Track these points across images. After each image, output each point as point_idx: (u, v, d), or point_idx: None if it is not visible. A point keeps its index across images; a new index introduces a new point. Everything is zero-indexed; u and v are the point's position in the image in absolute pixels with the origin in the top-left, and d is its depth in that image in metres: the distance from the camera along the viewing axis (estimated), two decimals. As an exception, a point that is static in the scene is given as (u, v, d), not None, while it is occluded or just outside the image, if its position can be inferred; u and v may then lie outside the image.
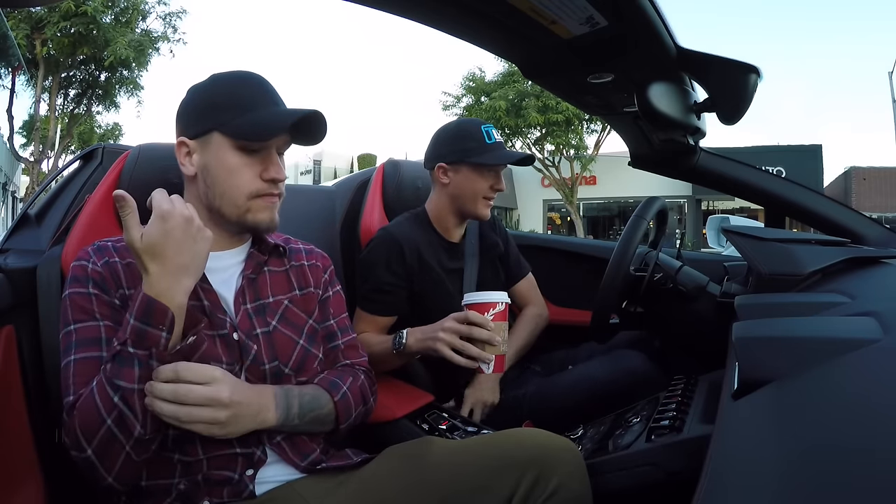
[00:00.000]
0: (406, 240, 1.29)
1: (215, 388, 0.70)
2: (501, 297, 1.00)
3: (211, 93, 0.84)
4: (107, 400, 0.69)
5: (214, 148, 0.82)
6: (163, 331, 0.70)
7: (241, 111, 0.81)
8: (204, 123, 0.82)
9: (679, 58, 0.87)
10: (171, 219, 0.71)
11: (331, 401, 0.86)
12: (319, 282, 0.96)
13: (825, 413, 0.43)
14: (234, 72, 0.86)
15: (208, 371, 0.71)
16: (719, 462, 0.44)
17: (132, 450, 0.70)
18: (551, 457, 0.75)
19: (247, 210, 0.83)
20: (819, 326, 0.60)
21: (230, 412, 0.71)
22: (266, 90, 0.84)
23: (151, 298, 0.70)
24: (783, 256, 0.94)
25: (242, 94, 0.82)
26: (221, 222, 0.85)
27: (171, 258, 0.71)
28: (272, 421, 0.78)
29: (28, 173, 13.60)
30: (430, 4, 0.74)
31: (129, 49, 11.70)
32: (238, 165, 0.82)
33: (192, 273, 0.73)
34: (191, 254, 0.72)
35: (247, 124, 0.80)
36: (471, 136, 1.29)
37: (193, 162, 0.84)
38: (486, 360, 0.98)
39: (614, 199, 18.59)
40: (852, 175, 17.31)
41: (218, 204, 0.83)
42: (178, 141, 0.84)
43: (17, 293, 0.92)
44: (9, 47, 10.77)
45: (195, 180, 0.85)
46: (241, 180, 0.82)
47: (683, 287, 1.15)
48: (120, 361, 0.69)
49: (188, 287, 0.72)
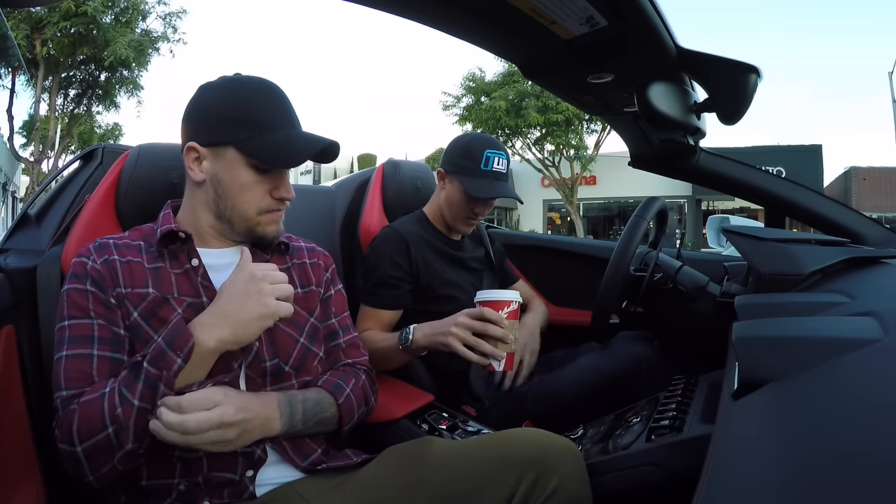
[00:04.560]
0: (410, 235, 1.31)
1: (220, 410, 0.71)
2: (515, 295, 1.00)
3: (228, 103, 0.82)
4: (112, 409, 0.69)
5: (229, 162, 0.82)
6: (179, 357, 0.71)
7: (261, 130, 0.81)
8: (220, 135, 0.82)
9: (679, 58, 0.87)
10: (242, 270, 0.78)
11: (334, 403, 0.86)
12: (321, 280, 0.96)
13: (825, 413, 0.43)
14: (252, 81, 0.85)
15: (210, 396, 0.71)
16: (719, 462, 0.44)
17: (119, 461, 0.70)
18: (551, 457, 0.75)
19: (256, 224, 0.86)
20: (819, 326, 0.60)
21: (238, 429, 0.72)
22: (284, 106, 0.85)
23: (184, 325, 0.72)
24: (783, 256, 0.94)
25: (262, 111, 0.82)
26: (227, 230, 0.86)
27: (221, 301, 0.76)
28: (277, 430, 0.78)
29: (28, 173, 13.61)
30: (429, 4, 0.74)
31: (129, 49, 11.71)
32: (251, 183, 0.83)
33: (230, 326, 0.74)
34: (237, 306, 0.74)
35: (268, 148, 0.81)
36: (470, 156, 1.30)
37: (203, 169, 0.84)
38: (498, 358, 0.98)
39: (614, 199, 18.58)
40: (852, 175, 17.31)
41: (228, 215, 0.85)
42: (189, 146, 0.83)
43: (17, 293, 0.92)
44: (9, 47, 10.77)
45: (202, 186, 0.85)
46: (252, 197, 0.84)
47: (683, 287, 1.15)
48: (133, 373, 0.71)
49: (220, 338, 0.74)
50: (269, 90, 0.85)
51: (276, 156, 0.81)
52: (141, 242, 0.85)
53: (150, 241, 0.85)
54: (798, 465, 0.37)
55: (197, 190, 0.86)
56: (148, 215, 0.94)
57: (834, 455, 0.36)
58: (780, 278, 0.91)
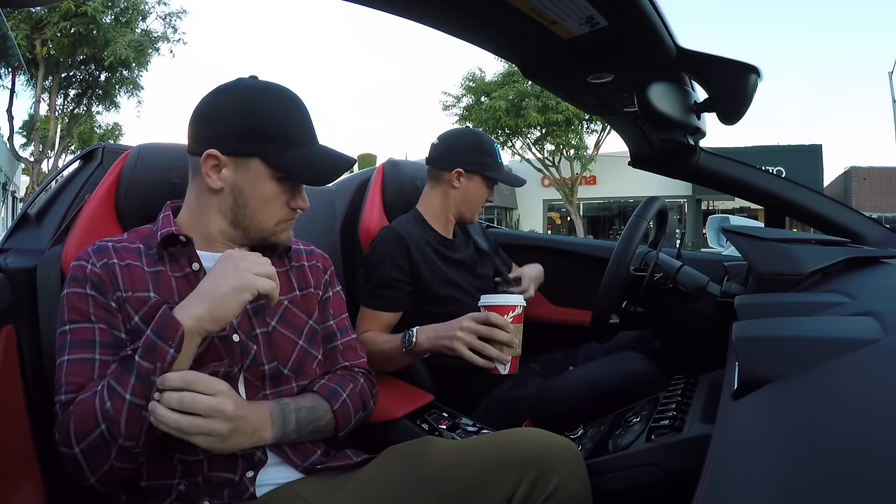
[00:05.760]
0: (410, 236, 1.31)
1: (221, 399, 0.70)
2: (519, 300, 1.01)
3: (252, 112, 0.81)
4: (102, 404, 0.69)
5: (253, 173, 0.82)
6: (171, 347, 0.70)
7: (288, 144, 0.83)
8: (246, 146, 0.82)
9: (679, 58, 0.87)
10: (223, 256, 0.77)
11: (329, 410, 0.86)
12: (320, 282, 0.96)
13: (825, 413, 0.43)
14: (274, 90, 0.85)
15: (215, 383, 0.71)
16: (719, 462, 0.44)
17: (116, 458, 0.70)
18: (551, 457, 0.75)
19: (272, 234, 0.87)
20: (819, 326, 0.60)
21: (232, 425, 0.71)
22: (306, 118, 0.87)
23: (170, 313, 0.71)
24: (783, 256, 0.94)
25: (289, 124, 0.84)
26: (240, 236, 0.87)
27: (201, 284, 0.76)
28: (268, 439, 0.78)
29: (28, 173, 13.60)
30: (429, 4, 0.74)
31: (129, 49, 11.71)
32: (274, 194, 0.84)
33: (206, 302, 0.72)
34: (213, 283, 0.74)
35: (297, 164, 0.83)
36: (488, 152, 1.40)
37: (223, 177, 0.83)
38: (503, 362, 0.98)
39: (614, 199, 18.59)
40: (852, 175, 17.31)
41: (246, 224, 0.85)
42: (209, 153, 0.81)
43: (17, 293, 0.92)
44: (9, 47, 10.77)
45: (219, 193, 0.84)
46: (274, 208, 0.85)
47: (683, 287, 1.15)
48: (123, 366, 0.70)
49: (196, 314, 0.72)
50: (293, 102, 0.86)
51: (307, 171, 0.84)
52: (140, 245, 0.84)
53: (150, 244, 0.84)
54: (798, 464, 0.37)
55: (211, 196, 0.85)
56: (148, 215, 0.94)
57: (834, 455, 0.36)
58: (780, 278, 0.91)
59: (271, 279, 0.76)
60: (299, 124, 0.85)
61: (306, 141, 0.85)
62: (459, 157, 1.37)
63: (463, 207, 1.40)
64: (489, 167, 1.38)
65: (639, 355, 1.27)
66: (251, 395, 0.82)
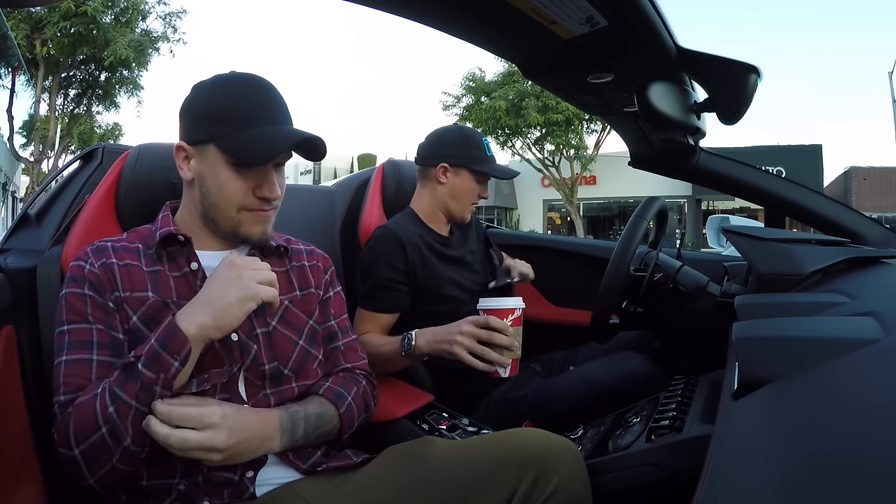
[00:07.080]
0: (406, 235, 1.30)
1: (210, 434, 0.70)
2: (518, 303, 1.00)
3: (213, 99, 0.81)
4: (104, 409, 0.69)
5: (210, 160, 0.81)
6: (176, 360, 0.70)
7: (240, 126, 0.79)
8: (202, 133, 0.81)
9: (679, 58, 0.87)
10: (224, 261, 0.77)
11: (336, 415, 0.86)
12: (320, 282, 0.96)
13: (825, 413, 0.43)
14: (239, 77, 0.83)
15: (205, 417, 0.70)
16: (719, 462, 0.44)
17: (119, 459, 0.70)
18: (551, 457, 0.75)
19: (238, 223, 0.83)
20: (819, 326, 0.60)
21: (225, 454, 0.71)
22: (269, 100, 0.82)
23: (176, 325, 0.71)
24: (783, 256, 0.94)
25: (243, 106, 0.80)
26: (216, 230, 0.86)
27: (203, 290, 0.75)
28: (276, 449, 0.78)
29: (28, 173, 13.60)
30: (429, 4, 0.74)
31: (129, 49, 11.70)
32: (230, 180, 0.81)
33: (210, 311, 0.72)
34: (217, 292, 0.73)
35: (241, 145, 0.78)
36: (475, 146, 1.37)
37: (191, 168, 0.83)
38: (504, 365, 0.98)
39: (614, 199, 18.58)
40: (852, 175, 17.31)
41: (211, 214, 0.84)
42: (178, 145, 0.83)
43: (17, 293, 0.92)
44: (9, 47, 10.77)
45: (192, 185, 0.84)
46: (231, 194, 0.81)
47: (683, 287, 1.15)
48: (127, 373, 0.70)
49: (200, 323, 0.72)
50: (255, 85, 0.82)
51: (250, 152, 0.78)
52: (139, 245, 0.85)
53: (149, 244, 0.84)
54: (798, 465, 0.37)
55: (188, 189, 0.86)
56: (148, 215, 0.94)
57: (834, 455, 0.36)
58: (780, 278, 0.91)
59: (272, 286, 0.77)
60: (254, 105, 0.80)
61: (261, 122, 0.79)
62: (443, 151, 1.36)
63: (451, 203, 1.37)
64: (476, 160, 1.35)
65: (639, 355, 1.27)
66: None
